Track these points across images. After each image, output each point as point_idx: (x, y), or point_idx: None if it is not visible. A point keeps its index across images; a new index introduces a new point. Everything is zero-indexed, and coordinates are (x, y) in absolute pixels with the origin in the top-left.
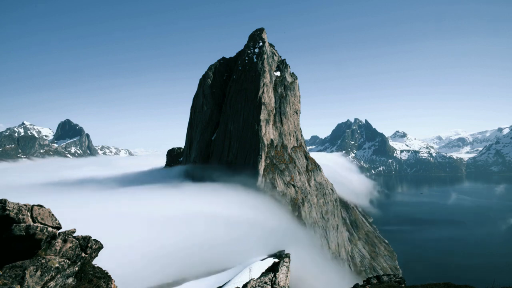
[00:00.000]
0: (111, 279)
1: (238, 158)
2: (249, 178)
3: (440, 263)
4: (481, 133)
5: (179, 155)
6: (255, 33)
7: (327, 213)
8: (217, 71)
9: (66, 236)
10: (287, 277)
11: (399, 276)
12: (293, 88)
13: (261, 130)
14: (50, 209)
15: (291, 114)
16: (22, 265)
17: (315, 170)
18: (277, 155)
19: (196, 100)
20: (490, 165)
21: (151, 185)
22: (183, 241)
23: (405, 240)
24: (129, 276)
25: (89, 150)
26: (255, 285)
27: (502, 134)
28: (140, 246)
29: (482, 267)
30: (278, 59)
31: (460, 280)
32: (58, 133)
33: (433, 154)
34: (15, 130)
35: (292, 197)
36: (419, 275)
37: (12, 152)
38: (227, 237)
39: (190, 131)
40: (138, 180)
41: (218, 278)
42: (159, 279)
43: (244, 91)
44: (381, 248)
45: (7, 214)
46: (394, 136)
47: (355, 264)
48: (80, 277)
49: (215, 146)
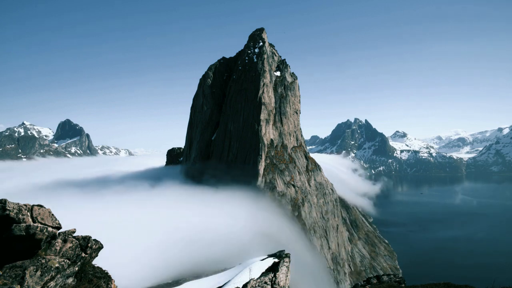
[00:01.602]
0: (111, 279)
1: (238, 158)
2: (249, 178)
3: (440, 263)
4: (481, 133)
5: (179, 155)
6: (255, 33)
7: (327, 213)
8: (217, 71)
9: (66, 236)
10: (287, 277)
11: (399, 276)
12: (293, 88)
13: (261, 130)
14: (50, 209)
15: (291, 114)
16: (22, 265)
17: (315, 170)
18: (277, 155)
19: (196, 100)
20: (490, 165)
21: (151, 186)
22: (183, 241)
23: (405, 240)
24: (129, 276)
25: (89, 150)
26: (255, 285)
27: (502, 134)
28: (140, 246)
29: (482, 267)
30: (278, 59)
31: (460, 280)
32: (58, 133)
33: (433, 154)
34: (15, 130)
35: (292, 197)
36: (419, 275)
37: (12, 152)
38: (227, 237)
39: (190, 131)
40: (138, 180)
41: (218, 278)
42: (159, 279)
43: (244, 91)
44: (381, 248)
45: (7, 214)
46: (394, 136)
47: (355, 264)
48: (80, 277)
49: (215, 146)
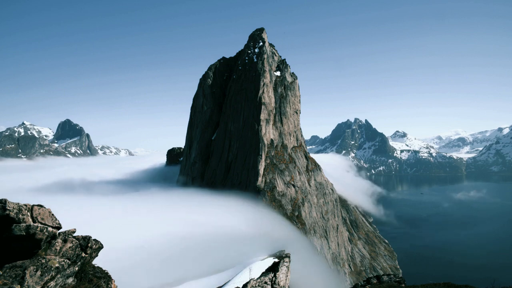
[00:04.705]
0: (111, 279)
1: (238, 158)
2: (249, 178)
3: (440, 263)
4: (481, 133)
5: (179, 155)
6: (255, 33)
7: (327, 213)
8: (217, 71)
9: (66, 236)
10: (287, 277)
11: (399, 276)
12: (293, 88)
13: (261, 130)
14: (50, 209)
15: (291, 114)
16: (22, 265)
17: (315, 170)
18: (277, 155)
19: (196, 100)
20: (490, 165)
21: (151, 186)
22: (183, 241)
23: (405, 240)
24: (129, 276)
25: (89, 150)
26: (255, 285)
27: (502, 134)
28: (140, 246)
29: (482, 267)
30: (278, 59)
31: (460, 280)
32: (58, 133)
33: (433, 154)
34: (15, 130)
35: (292, 197)
36: (419, 275)
37: (12, 152)
38: (227, 237)
39: (190, 131)
40: (138, 180)
41: (218, 278)
42: (159, 279)
43: (244, 91)
44: (381, 248)
45: (7, 214)
46: (394, 136)
47: (355, 264)
48: (80, 277)
49: (215, 146)
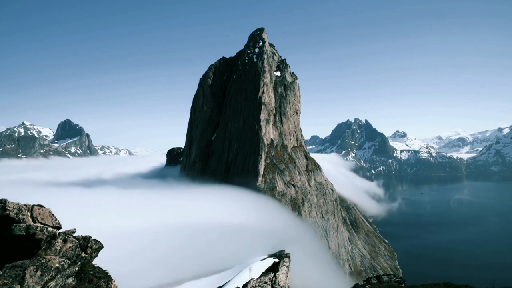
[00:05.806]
0: (111, 279)
1: (238, 158)
2: (249, 178)
3: (440, 263)
4: (481, 133)
5: (179, 155)
6: (255, 33)
7: (327, 213)
8: (217, 71)
9: (66, 236)
10: (287, 277)
11: (399, 276)
12: (293, 88)
13: (261, 130)
14: (50, 209)
15: (291, 114)
16: (22, 265)
17: (315, 170)
18: (277, 155)
19: (196, 100)
20: (490, 165)
21: (151, 186)
22: (183, 241)
23: (405, 240)
24: (129, 276)
25: (89, 150)
26: (255, 285)
27: (502, 134)
28: (140, 246)
29: (482, 267)
30: (278, 59)
31: (460, 280)
32: (58, 133)
33: (433, 154)
34: (15, 130)
35: (292, 197)
36: (419, 275)
37: (12, 152)
38: (227, 237)
39: (190, 131)
40: (138, 180)
41: (218, 278)
42: (159, 278)
43: (244, 91)
44: (381, 248)
45: (7, 214)
46: (394, 136)
47: (355, 264)
48: (80, 277)
49: (215, 146)
